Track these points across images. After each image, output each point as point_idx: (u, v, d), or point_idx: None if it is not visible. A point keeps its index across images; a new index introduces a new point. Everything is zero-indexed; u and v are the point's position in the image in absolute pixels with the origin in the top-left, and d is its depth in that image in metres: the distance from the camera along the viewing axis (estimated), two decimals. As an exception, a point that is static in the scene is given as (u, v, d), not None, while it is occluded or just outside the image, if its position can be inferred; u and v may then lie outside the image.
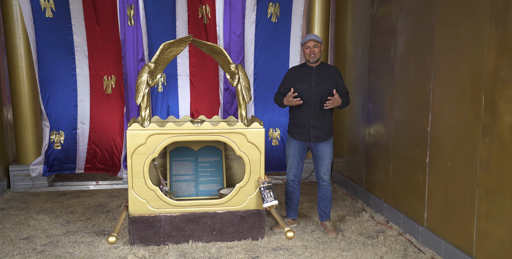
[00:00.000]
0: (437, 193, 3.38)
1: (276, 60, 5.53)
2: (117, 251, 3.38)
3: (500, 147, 2.70)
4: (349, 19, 5.26)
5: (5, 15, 5.01)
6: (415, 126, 3.68)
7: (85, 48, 5.21)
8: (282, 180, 5.66)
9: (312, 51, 3.74)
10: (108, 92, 5.29)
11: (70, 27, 5.13)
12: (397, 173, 4.01)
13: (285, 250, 3.44)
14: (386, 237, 3.71)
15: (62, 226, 3.94)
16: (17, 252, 3.34)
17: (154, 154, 3.47)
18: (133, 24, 4.97)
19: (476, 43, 2.93)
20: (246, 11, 5.30)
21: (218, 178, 3.99)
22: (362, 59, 4.82)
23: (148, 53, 5.14)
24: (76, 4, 5.08)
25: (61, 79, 5.20)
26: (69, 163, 5.35)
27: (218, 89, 5.37)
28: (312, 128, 3.76)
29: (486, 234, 2.85)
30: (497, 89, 2.73)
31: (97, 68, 5.26)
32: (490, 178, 2.80)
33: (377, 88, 4.43)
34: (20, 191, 5.14)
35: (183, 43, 3.70)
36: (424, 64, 3.54)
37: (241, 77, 3.62)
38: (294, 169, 3.90)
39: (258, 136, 3.59)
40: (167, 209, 3.51)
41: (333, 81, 3.78)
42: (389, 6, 4.16)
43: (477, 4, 2.93)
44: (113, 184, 5.40)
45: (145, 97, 3.48)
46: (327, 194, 3.89)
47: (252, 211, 3.62)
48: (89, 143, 5.37)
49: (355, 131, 5.02)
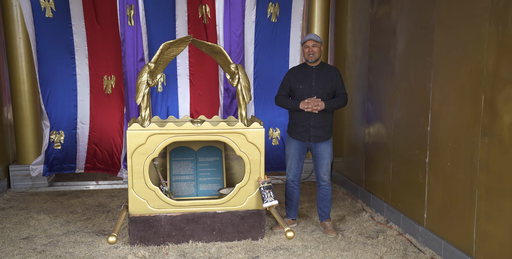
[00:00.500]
0: (437, 193, 3.38)
1: (276, 60, 5.54)
2: (117, 251, 3.38)
3: (500, 147, 2.70)
4: (349, 19, 5.26)
5: (5, 15, 5.01)
6: (415, 126, 3.68)
7: (85, 48, 5.21)
8: (282, 180, 5.66)
9: (311, 51, 3.74)
10: (108, 92, 5.29)
11: (70, 27, 5.13)
12: (397, 173, 4.01)
13: (285, 250, 3.44)
14: (386, 237, 3.71)
15: (62, 226, 3.94)
16: (17, 252, 3.34)
17: (154, 154, 3.47)
18: (133, 24, 4.97)
19: (476, 43, 2.93)
20: (246, 11, 5.30)
21: (218, 178, 3.99)
22: (362, 59, 4.82)
23: (148, 53, 5.14)
24: (76, 4, 5.08)
25: (61, 79, 5.20)
26: (69, 163, 5.35)
27: (218, 89, 5.37)
28: (312, 128, 3.76)
29: (486, 234, 2.85)
30: (497, 89, 2.73)
31: (97, 68, 5.26)
32: (490, 178, 2.80)
33: (377, 88, 4.43)
34: (20, 191, 5.14)
35: (183, 43, 3.70)
36: (424, 64, 3.54)
37: (241, 77, 3.62)
38: (294, 169, 3.90)
39: (258, 136, 3.59)
40: (167, 209, 3.51)
41: (333, 81, 3.79)
42: (389, 6, 4.16)
43: (477, 4, 2.93)
44: (113, 184, 5.41)
45: (145, 97, 3.48)
46: (327, 194, 3.89)
47: (252, 211, 3.62)
48: (89, 142, 5.37)
49: (355, 131, 5.02)
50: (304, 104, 3.67)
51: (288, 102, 3.79)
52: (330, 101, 3.72)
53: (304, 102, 3.67)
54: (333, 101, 3.73)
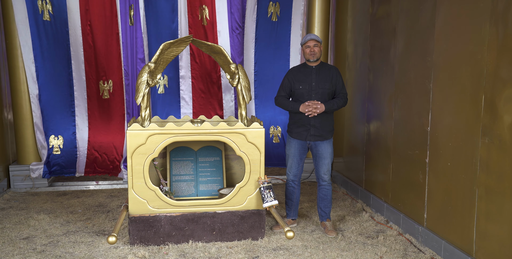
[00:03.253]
0: (437, 193, 3.38)
1: (276, 59, 5.55)
2: (117, 251, 3.38)
3: (500, 147, 2.70)
4: (349, 19, 5.26)
5: (5, 15, 5.00)
6: (415, 126, 3.68)
7: (81, 52, 5.16)
8: (282, 180, 5.66)
9: (312, 51, 3.74)
10: (105, 97, 5.27)
11: (67, 31, 5.09)
12: (397, 173, 4.01)
13: (285, 250, 3.44)
14: (386, 237, 3.71)
15: (62, 226, 3.94)
16: (17, 252, 3.34)
17: (154, 154, 3.47)
18: (133, 24, 4.97)
19: (476, 43, 2.93)
20: (246, 11, 5.31)
21: (218, 178, 3.99)
22: (362, 59, 4.82)
23: (148, 53, 5.14)
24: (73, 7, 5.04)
25: (59, 84, 5.17)
26: (69, 168, 5.32)
27: (218, 89, 5.37)
28: (313, 127, 3.76)
29: (486, 234, 2.85)
30: (497, 89, 2.73)
31: (93, 73, 5.22)
32: (490, 178, 2.80)
33: (377, 88, 4.43)
34: (20, 191, 5.14)
35: (183, 43, 3.70)
36: (424, 64, 3.54)
37: (241, 77, 3.62)
38: (294, 169, 3.90)
39: (258, 136, 3.59)
40: (167, 209, 3.51)
41: (333, 81, 3.79)
42: (389, 6, 4.16)
43: (477, 4, 2.93)
44: (113, 184, 5.40)
45: (145, 97, 3.48)
46: (327, 194, 3.89)
47: (252, 211, 3.62)
48: (89, 147, 5.35)
49: (355, 130, 5.02)
50: (304, 107, 3.67)
51: (288, 104, 3.79)
52: (330, 103, 3.72)
53: (304, 105, 3.67)
54: (333, 102, 3.73)
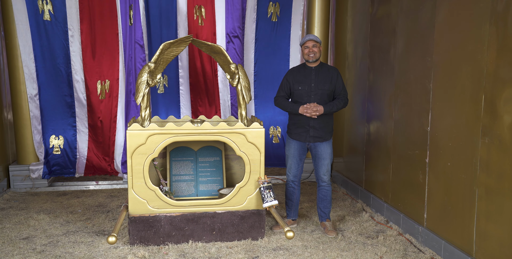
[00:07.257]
0: (437, 193, 3.38)
1: (276, 59, 5.56)
2: (117, 251, 3.38)
3: (500, 147, 2.70)
4: (349, 19, 5.26)
5: (5, 15, 5.00)
6: (415, 126, 3.68)
7: (80, 53, 5.16)
8: (282, 180, 5.66)
9: (311, 51, 3.74)
10: (102, 98, 5.26)
11: (67, 32, 5.09)
12: (397, 173, 4.01)
13: (285, 250, 3.44)
14: (386, 237, 3.71)
15: (62, 226, 3.94)
16: (17, 252, 3.34)
17: (154, 154, 3.47)
18: (132, 24, 4.97)
19: (476, 43, 2.93)
20: (246, 11, 5.32)
21: (218, 178, 3.99)
22: (362, 59, 4.82)
23: (148, 53, 5.14)
24: (73, 6, 5.04)
25: (59, 84, 5.16)
26: (69, 168, 5.32)
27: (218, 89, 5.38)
28: (312, 129, 3.75)
29: (486, 234, 2.85)
30: (497, 89, 2.73)
31: (91, 74, 5.21)
32: (490, 178, 2.80)
33: (377, 88, 4.43)
34: (20, 191, 5.14)
35: (183, 43, 3.70)
36: (424, 64, 3.54)
37: (241, 77, 3.62)
38: (294, 169, 3.90)
39: (258, 136, 3.59)
40: (167, 209, 3.51)
41: (332, 82, 3.78)
42: (389, 6, 4.16)
43: (477, 4, 2.93)
44: (113, 184, 5.40)
45: (145, 97, 3.48)
46: (326, 194, 3.89)
47: (252, 211, 3.62)
48: (89, 150, 5.33)
49: (355, 131, 5.02)
50: (303, 109, 3.67)
51: (287, 106, 3.79)
52: (329, 105, 3.71)
53: (303, 107, 3.67)
54: (332, 104, 3.72)
